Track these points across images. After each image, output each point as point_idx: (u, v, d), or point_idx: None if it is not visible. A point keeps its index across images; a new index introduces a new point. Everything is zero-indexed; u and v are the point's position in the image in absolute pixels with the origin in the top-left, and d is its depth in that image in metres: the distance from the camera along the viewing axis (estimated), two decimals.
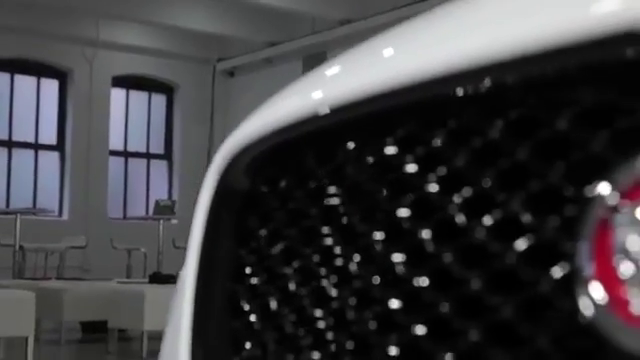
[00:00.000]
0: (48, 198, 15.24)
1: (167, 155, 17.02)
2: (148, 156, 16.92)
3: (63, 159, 15.71)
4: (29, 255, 12.86)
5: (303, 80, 0.96)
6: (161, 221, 12.52)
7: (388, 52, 0.84)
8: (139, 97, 16.81)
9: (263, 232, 0.91)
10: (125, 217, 16.07)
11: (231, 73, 17.26)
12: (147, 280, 9.69)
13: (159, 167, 17.01)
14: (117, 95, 16.29)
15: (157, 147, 16.96)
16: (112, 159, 16.14)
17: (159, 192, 16.19)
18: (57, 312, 8.48)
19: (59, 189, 15.66)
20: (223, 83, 17.14)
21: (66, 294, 8.52)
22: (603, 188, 0.57)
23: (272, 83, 6.88)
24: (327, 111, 0.82)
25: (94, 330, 9.04)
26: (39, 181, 15.49)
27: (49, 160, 15.68)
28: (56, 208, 15.30)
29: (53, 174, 15.68)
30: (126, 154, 16.65)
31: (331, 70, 0.92)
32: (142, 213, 15.53)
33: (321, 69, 0.94)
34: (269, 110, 0.92)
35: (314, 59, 13.33)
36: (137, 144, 16.77)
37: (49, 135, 15.67)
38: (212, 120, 16.70)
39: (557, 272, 0.60)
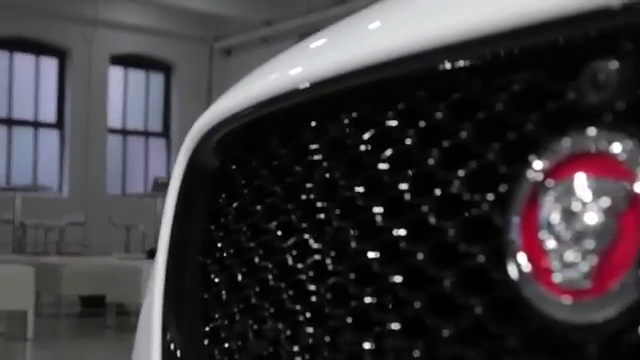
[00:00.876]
0: (48, 175, 15.26)
1: (165, 133, 17.03)
2: (146, 134, 16.93)
3: (63, 137, 15.71)
4: (30, 231, 12.91)
5: (266, 66, 0.98)
6: (159, 198, 12.55)
7: (338, 39, 0.86)
8: (137, 76, 16.79)
9: (231, 209, 0.94)
10: (124, 194, 16.10)
11: (228, 52, 17.24)
12: (145, 256, 9.74)
13: (157, 145, 17.02)
14: (116, 74, 16.27)
15: (155, 125, 16.97)
16: (111, 137, 16.14)
17: (157, 170, 16.21)
18: (56, 287, 8.53)
19: (59, 167, 15.68)
20: (220, 62, 17.12)
21: (65, 269, 8.56)
22: (532, 167, 0.60)
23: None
24: (288, 92, 0.84)
25: (93, 304, 9.11)
26: (39, 159, 15.50)
27: (49, 138, 15.69)
28: (56, 185, 15.33)
29: (53, 152, 15.69)
30: (125, 132, 16.65)
31: (286, 58, 0.94)
32: (140, 190, 15.56)
33: (280, 57, 0.97)
34: (234, 93, 0.95)
35: None
36: (135, 122, 16.77)
37: (49, 113, 15.66)
38: (209, 98, 16.67)
39: (490, 245, 0.63)
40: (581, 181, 0.57)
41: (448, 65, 0.70)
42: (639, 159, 0.54)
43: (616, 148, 0.55)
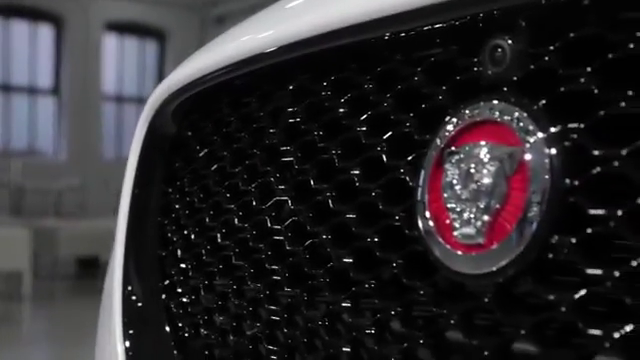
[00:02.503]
0: (46, 141, 15.24)
1: None
2: (140, 101, 16.88)
3: (60, 103, 15.66)
4: (28, 195, 12.93)
5: (217, 39, 1.02)
6: None
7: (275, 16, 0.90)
8: (132, 43, 16.69)
9: (186, 172, 0.98)
10: (119, 159, 16.09)
11: (221, 20, 17.13)
12: None
13: None
14: (111, 41, 16.17)
15: (150, 92, 16.89)
16: (106, 103, 16.10)
17: None
18: (53, 248, 8.60)
19: (56, 132, 15.65)
20: (213, 30, 17.00)
21: (61, 232, 8.62)
22: (439, 134, 0.65)
23: None
24: (234, 63, 0.88)
25: (89, 266, 9.18)
26: (36, 124, 15.46)
27: (46, 104, 15.63)
28: (54, 150, 15.31)
29: (50, 118, 15.64)
30: (120, 99, 16.61)
31: (235, 32, 0.98)
32: None
33: (231, 31, 1.00)
34: (188, 64, 0.98)
35: None
36: (130, 89, 16.71)
37: (45, 80, 15.58)
38: None
39: (406, 205, 0.68)
40: (478, 147, 0.61)
41: (372, 39, 0.73)
42: (528, 128, 0.59)
43: (508, 117, 0.60)
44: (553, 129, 0.58)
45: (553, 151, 0.57)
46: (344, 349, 0.72)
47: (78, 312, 7.17)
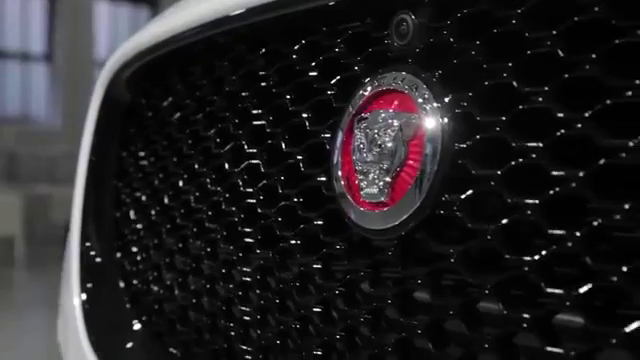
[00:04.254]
0: (39, 108, 15.22)
1: None
2: None
3: (53, 70, 15.62)
4: (22, 162, 12.96)
5: (168, 11, 1.06)
6: None
7: None
8: (125, 9, 16.62)
9: (139, 139, 1.04)
10: None
11: None
12: None
13: None
14: (103, 7, 16.09)
15: None
16: (99, 70, 16.05)
17: None
18: (46, 214, 8.67)
19: (49, 99, 15.63)
20: None
21: (55, 198, 8.67)
22: (352, 101, 0.70)
23: None
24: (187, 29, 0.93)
25: None
26: (29, 91, 15.43)
27: (39, 71, 15.59)
28: (48, 117, 15.30)
29: (43, 84, 15.61)
30: None
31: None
32: None
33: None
34: (141, 33, 1.03)
35: None
36: None
37: (38, 46, 15.53)
38: None
39: (324, 167, 0.73)
40: (382, 114, 0.66)
41: (296, 12, 0.78)
42: (425, 97, 0.64)
43: (408, 87, 0.65)
44: (446, 98, 0.63)
45: (445, 118, 0.62)
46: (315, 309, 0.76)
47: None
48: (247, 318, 0.82)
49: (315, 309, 0.74)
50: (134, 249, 1.01)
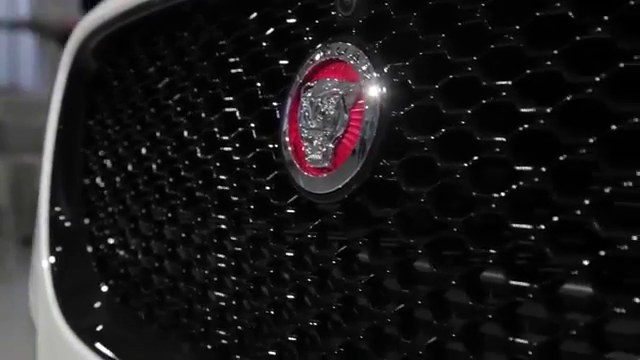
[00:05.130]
0: (27, 78, 15.13)
1: None
2: None
3: (41, 39, 15.50)
4: (10, 131, 12.92)
5: None
6: None
7: None
8: None
9: (105, 107, 1.06)
10: None
11: None
12: None
13: None
14: None
15: None
16: None
17: None
18: (33, 183, 8.67)
19: (38, 69, 15.53)
20: None
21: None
22: (299, 71, 0.72)
23: None
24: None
25: None
26: (18, 61, 15.33)
27: (28, 40, 15.47)
28: (37, 87, 15.22)
29: (32, 54, 15.50)
30: None
31: None
32: None
33: None
34: (108, 3, 1.05)
35: None
36: None
37: (27, 15, 15.39)
38: None
39: (275, 135, 0.76)
40: (326, 83, 0.69)
41: None
42: (365, 66, 0.66)
43: (350, 57, 0.68)
44: (385, 68, 0.66)
45: (384, 87, 0.65)
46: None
47: None
48: (205, 280, 0.85)
49: (268, 271, 0.77)
50: (101, 215, 1.04)
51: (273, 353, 0.75)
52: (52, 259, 1.04)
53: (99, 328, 0.95)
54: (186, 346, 0.86)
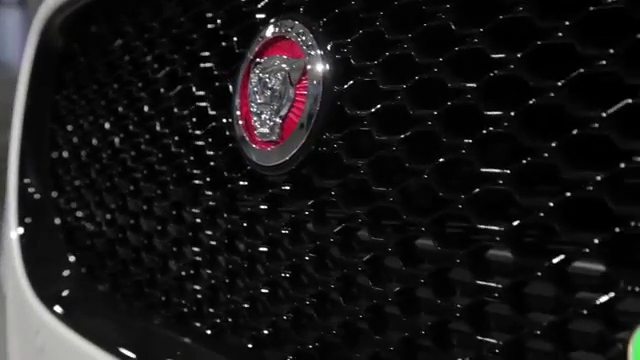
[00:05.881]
0: (12, 54, 15.03)
1: None
2: None
3: (26, 16, 15.39)
4: None
5: None
6: None
7: None
8: None
9: (72, 83, 1.08)
10: None
11: None
12: None
13: None
14: None
15: None
16: None
17: None
18: None
19: (24, 45, 15.42)
20: None
21: None
22: (251, 47, 0.75)
23: None
24: None
25: None
26: (3, 37, 15.22)
27: (14, 16, 15.35)
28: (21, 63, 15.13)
29: (18, 30, 15.39)
30: None
31: None
32: None
33: None
34: None
35: None
36: None
37: None
38: None
39: (228, 109, 0.78)
40: (273, 59, 0.72)
41: None
42: (309, 43, 0.69)
43: (296, 34, 0.70)
44: (329, 45, 0.68)
45: (327, 64, 0.68)
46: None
47: None
48: (164, 250, 0.88)
49: (223, 241, 0.80)
50: (68, 188, 1.07)
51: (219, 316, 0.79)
52: (21, 230, 1.06)
53: (63, 295, 0.98)
54: (147, 313, 0.89)
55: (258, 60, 0.74)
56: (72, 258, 1.05)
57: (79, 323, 0.91)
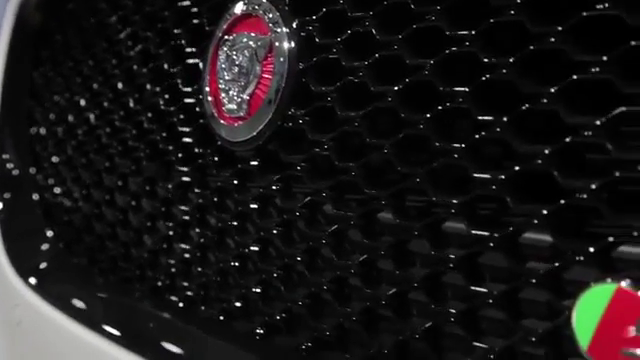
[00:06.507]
0: None
1: None
2: None
3: None
4: None
5: None
6: None
7: None
8: None
9: (49, 60, 1.09)
10: None
11: None
12: None
13: None
14: None
15: None
16: None
17: None
18: None
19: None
20: None
21: None
22: (220, 24, 0.76)
23: None
24: None
25: None
26: None
27: None
28: None
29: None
30: None
31: None
32: None
33: None
34: None
35: None
36: None
37: None
38: None
39: (199, 86, 0.80)
40: (241, 36, 0.73)
41: None
42: (276, 21, 0.70)
43: (263, 12, 0.71)
44: (294, 23, 0.69)
45: (292, 41, 0.69)
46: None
47: None
48: (139, 225, 0.90)
49: (194, 215, 0.82)
50: (45, 164, 1.08)
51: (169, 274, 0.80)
52: (0, 205, 1.08)
53: (41, 268, 1.00)
54: (122, 287, 0.91)
55: (227, 37, 0.75)
56: (50, 233, 1.06)
57: (55, 295, 0.92)
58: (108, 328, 0.86)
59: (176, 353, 0.77)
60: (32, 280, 0.97)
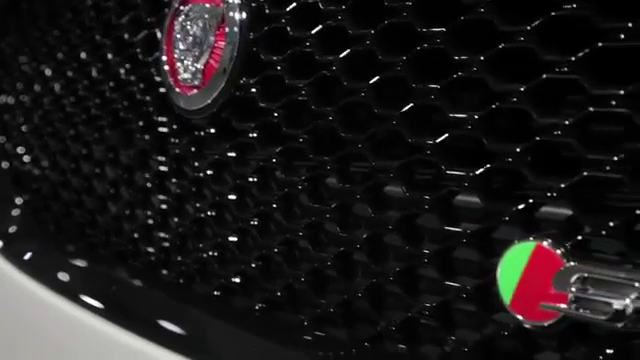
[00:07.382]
0: None
1: None
2: None
3: None
4: None
5: None
6: None
7: None
8: None
9: (16, 30, 1.10)
10: None
11: None
12: None
13: None
14: None
15: None
16: None
17: None
18: None
19: None
20: None
21: None
22: None
23: None
24: None
25: None
26: None
27: None
28: None
29: None
30: None
31: None
32: None
33: None
34: None
35: None
36: None
37: None
38: None
39: (156, 57, 0.81)
40: (195, 6, 0.74)
41: None
42: None
43: None
44: None
45: (244, 12, 0.71)
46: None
47: None
48: (102, 193, 0.92)
49: (154, 182, 0.84)
50: (14, 133, 1.09)
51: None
52: None
53: (9, 232, 1.02)
54: (86, 253, 0.93)
55: (182, 8, 0.76)
56: (19, 201, 1.08)
57: (20, 258, 0.94)
58: (75, 293, 0.88)
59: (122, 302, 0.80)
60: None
